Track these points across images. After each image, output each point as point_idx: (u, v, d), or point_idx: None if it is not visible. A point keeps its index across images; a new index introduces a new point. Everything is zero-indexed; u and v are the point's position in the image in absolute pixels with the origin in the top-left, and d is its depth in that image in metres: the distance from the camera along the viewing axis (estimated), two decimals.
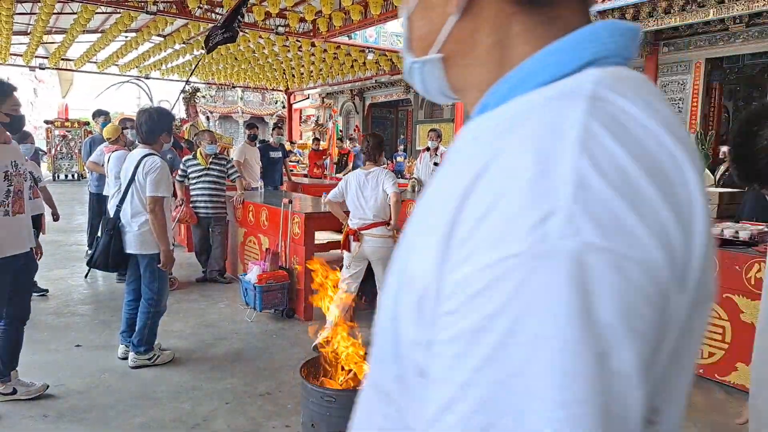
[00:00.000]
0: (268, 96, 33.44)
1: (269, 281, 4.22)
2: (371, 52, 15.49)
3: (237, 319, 4.41)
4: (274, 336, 4.02)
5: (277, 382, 3.24)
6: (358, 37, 14.73)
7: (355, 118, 25.60)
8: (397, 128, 25.50)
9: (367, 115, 25.16)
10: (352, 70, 19.08)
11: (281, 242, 4.64)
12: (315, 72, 19.85)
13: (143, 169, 3.27)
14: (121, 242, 3.34)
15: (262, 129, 34.96)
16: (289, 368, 3.38)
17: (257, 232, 5.26)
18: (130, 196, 3.32)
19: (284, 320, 4.36)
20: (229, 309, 4.67)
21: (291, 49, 16.30)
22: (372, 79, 21.57)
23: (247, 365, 3.45)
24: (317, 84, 22.30)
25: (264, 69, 20.13)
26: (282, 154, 8.39)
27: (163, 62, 17.88)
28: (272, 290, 4.21)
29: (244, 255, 5.54)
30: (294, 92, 24.44)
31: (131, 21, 13.47)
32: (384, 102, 24.41)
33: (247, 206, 5.50)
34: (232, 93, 32.92)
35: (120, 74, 20.85)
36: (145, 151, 3.34)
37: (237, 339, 3.98)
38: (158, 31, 13.78)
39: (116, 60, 18.53)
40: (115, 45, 16.77)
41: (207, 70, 20.28)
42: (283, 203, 4.60)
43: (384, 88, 23.34)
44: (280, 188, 8.06)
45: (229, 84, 24.40)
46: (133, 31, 14.76)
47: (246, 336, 4.05)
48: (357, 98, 25.02)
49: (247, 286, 4.30)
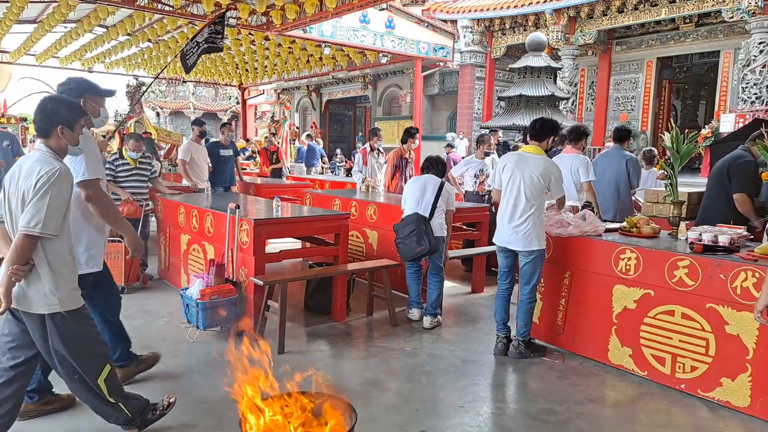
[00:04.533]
0: (222, 91, 32.27)
1: (213, 296, 3.76)
2: (327, 47, 14.99)
3: (179, 338, 3.93)
4: (219, 360, 3.57)
5: (219, 420, 2.80)
6: (314, 31, 14.19)
7: (312, 115, 24.99)
8: (356, 125, 25.05)
9: (325, 111, 24.60)
10: (308, 65, 18.54)
11: (228, 252, 4.18)
12: (270, 67, 19.19)
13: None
14: None
15: (216, 125, 33.79)
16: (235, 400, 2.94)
17: (202, 239, 4.76)
18: None
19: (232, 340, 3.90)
20: (169, 326, 4.17)
21: (243, 43, 15.64)
22: (329, 75, 21.07)
23: (184, 398, 2.98)
24: (272, 79, 21.64)
25: (216, 63, 19.32)
26: (233, 153, 7.86)
27: (106, 55, 16.88)
28: (217, 306, 3.75)
29: (188, 265, 5.03)
30: (248, 87, 23.64)
31: (70, 10, 12.58)
32: (342, 98, 23.92)
33: (189, 211, 5.00)
34: (184, 88, 31.58)
35: (61, 67, 19.64)
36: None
37: (175, 364, 3.51)
38: (99, 21, 12.93)
39: (55, 52, 17.40)
40: (55, 36, 15.79)
41: (155, 63, 19.30)
42: (229, 208, 4.14)
43: (341, 84, 22.85)
44: (232, 189, 7.53)
45: (179, 78, 23.40)
46: (73, 22, 13.85)
47: (186, 360, 3.59)
48: (314, 94, 24.42)
49: (188, 301, 3.82)
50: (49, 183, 2.16)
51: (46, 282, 2.23)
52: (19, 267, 2.15)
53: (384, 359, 3.67)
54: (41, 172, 2.16)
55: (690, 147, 3.70)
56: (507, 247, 3.81)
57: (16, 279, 2.18)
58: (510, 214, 3.75)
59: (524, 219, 3.66)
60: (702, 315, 3.15)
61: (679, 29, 14.25)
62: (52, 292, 2.23)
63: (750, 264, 2.95)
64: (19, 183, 2.21)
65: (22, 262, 2.15)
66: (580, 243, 3.75)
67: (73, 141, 2.39)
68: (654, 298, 3.37)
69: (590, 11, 14.50)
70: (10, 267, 2.14)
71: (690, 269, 3.18)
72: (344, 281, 4.37)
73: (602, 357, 3.65)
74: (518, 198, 3.70)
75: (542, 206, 3.69)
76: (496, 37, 17.42)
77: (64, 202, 2.22)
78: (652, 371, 3.39)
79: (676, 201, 3.85)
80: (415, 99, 16.59)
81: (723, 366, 3.07)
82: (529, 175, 3.64)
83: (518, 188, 3.69)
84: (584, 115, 16.31)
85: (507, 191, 3.78)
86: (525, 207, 3.66)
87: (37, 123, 2.34)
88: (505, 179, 3.81)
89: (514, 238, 3.73)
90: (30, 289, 2.23)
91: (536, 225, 3.66)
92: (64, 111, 2.36)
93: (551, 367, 3.63)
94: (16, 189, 2.22)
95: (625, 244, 3.51)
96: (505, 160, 3.88)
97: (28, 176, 2.19)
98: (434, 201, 4.29)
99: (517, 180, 3.70)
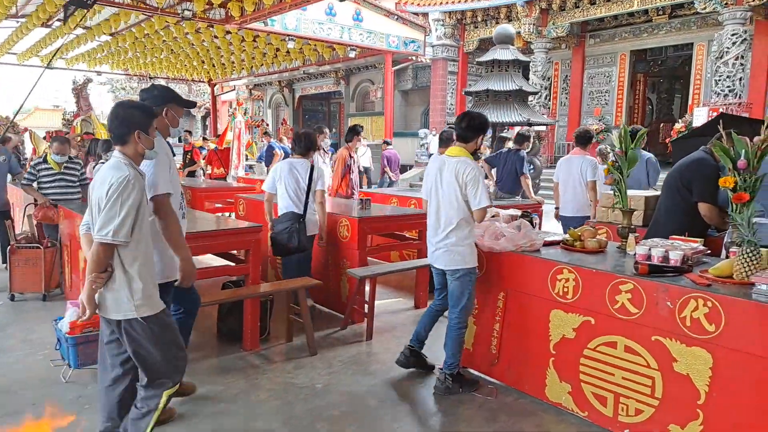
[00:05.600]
0: (195, 87, 31.36)
1: (87, 329, 3.19)
2: (291, 40, 14.37)
3: (50, 378, 3.35)
4: (87, 407, 3.01)
5: None
6: (277, 24, 13.56)
7: (285, 111, 24.33)
8: (330, 121, 24.43)
9: (298, 107, 23.96)
10: (277, 60, 17.90)
11: None
12: (237, 62, 18.51)
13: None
14: None
15: (189, 122, 32.86)
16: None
17: None
18: None
19: None
20: (43, 364, 3.56)
21: (205, 37, 14.99)
22: (300, 70, 20.41)
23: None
24: (242, 75, 20.95)
25: (179, 58, 18.61)
26: (5, 159, 7.28)
27: (64, 50, 16.21)
28: (91, 341, 3.18)
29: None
30: (218, 83, 22.93)
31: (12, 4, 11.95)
32: (315, 94, 23.28)
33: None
34: None
35: (18, 64, 18.85)
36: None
37: (34, 412, 2.94)
38: (48, 15, 12.30)
39: (9, 48, 16.70)
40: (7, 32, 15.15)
41: (117, 59, 18.55)
42: None
43: (314, 79, 22.20)
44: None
45: (145, 75, 22.59)
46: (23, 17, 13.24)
47: (51, 407, 3.02)
48: (286, 90, 23.75)
49: (59, 335, 3.26)
50: (120, 190, 2.19)
51: (122, 288, 2.26)
52: (98, 275, 2.20)
53: (287, 401, 3.14)
54: (112, 180, 2.21)
55: (633, 153, 3.21)
56: (434, 265, 3.33)
57: (97, 286, 2.22)
58: (434, 228, 3.25)
59: (447, 233, 3.16)
60: (647, 349, 2.66)
61: (653, 21, 13.86)
62: (128, 298, 2.26)
63: (701, 290, 2.47)
64: (96, 191, 2.27)
65: (100, 270, 2.20)
66: (515, 259, 3.24)
67: (149, 145, 2.41)
68: (594, 327, 2.88)
69: (562, 3, 14.07)
70: (90, 275, 2.19)
71: (634, 294, 2.69)
72: (256, 304, 3.82)
73: (539, 393, 3.15)
74: (439, 210, 3.19)
75: (469, 219, 3.18)
76: (469, 30, 16.94)
77: (134, 209, 2.24)
78: (593, 412, 2.90)
79: (625, 209, 3.37)
80: (386, 94, 16.05)
81: (671, 410, 2.59)
82: (447, 183, 3.13)
83: (438, 198, 3.19)
84: (558, 110, 15.91)
85: (431, 202, 3.28)
86: (446, 220, 3.16)
87: (113, 130, 2.37)
88: (427, 188, 3.30)
89: (437, 255, 3.23)
90: (107, 296, 2.27)
91: (462, 240, 3.15)
92: (138, 115, 2.38)
93: (481, 405, 3.12)
94: (95, 197, 2.27)
95: (562, 262, 3.01)
96: (430, 166, 3.37)
97: (102, 184, 2.24)
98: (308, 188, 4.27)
99: (438, 189, 3.20)
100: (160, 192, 2.65)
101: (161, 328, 2.36)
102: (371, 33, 14.90)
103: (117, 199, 2.19)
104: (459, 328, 3.24)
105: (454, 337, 3.25)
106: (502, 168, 6.23)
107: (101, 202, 2.22)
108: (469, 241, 3.18)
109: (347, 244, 4.53)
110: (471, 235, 3.21)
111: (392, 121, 16.02)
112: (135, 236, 2.25)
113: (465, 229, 3.16)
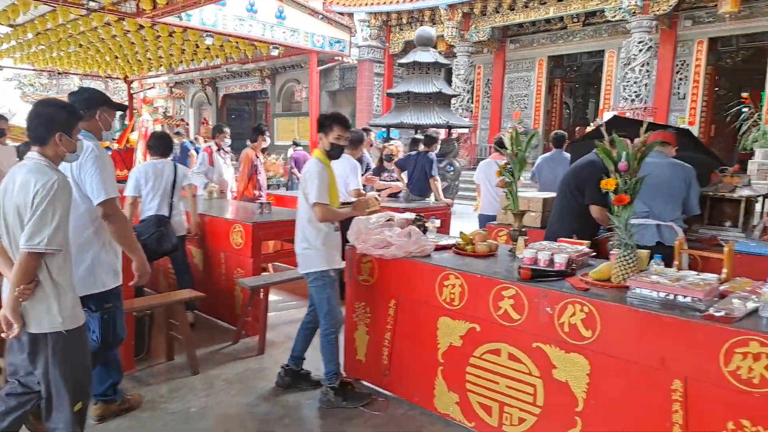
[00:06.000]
0: (113, 84, 29.57)
1: None
2: (210, 36, 13.75)
3: None
4: None
5: None
6: (194, 19, 12.92)
7: (208, 110, 23.41)
8: (256, 121, 23.76)
9: (222, 106, 23.12)
10: (197, 57, 17.12)
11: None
12: (154, 58, 17.54)
13: None
14: None
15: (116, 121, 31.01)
16: None
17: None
18: None
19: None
20: None
21: (116, 31, 14.05)
22: (222, 68, 19.68)
23: None
24: (160, 72, 19.91)
25: (90, 53, 17.41)
26: None
27: None
28: None
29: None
30: (135, 80, 21.69)
31: None
32: (240, 93, 22.56)
33: None
34: (68, 81, 28.66)
35: None
36: None
37: None
38: None
39: None
40: None
41: (20, 52, 17.08)
42: None
43: (238, 77, 21.48)
44: None
45: (53, 70, 21.03)
46: None
47: None
48: (209, 88, 22.85)
49: None
50: (50, 196, 2.03)
51: (50, 299, 2.11)
52: (26, 286, 2.05)
53: (153, 430, 2.82)
54: (37, 185, 2.03)
55: (522, 155, 3.17)
56: None
57: (24, 299, 2.08)
58: (297, 233, 3.18)
59: (302, 236, 3.11)
60: (529, 356, 2.58)
61: (568, 28, 14.41)
62: (57, 309, 2.12)
63: (579, 295, 2.41)
64: (14, 197, 2.08)
65: (27, 281, 2.05)
66: (406, 265, 3.09)
67: (71, 148, 2.21)
68: (480, 334, 2.77)
69: (483, 8, 14.34)
70: (17, 288, 2.04)
71: (516, 300, 2.60)
72: (129, 321, 3.45)
73: (429, 404, 3.01)
74: (298, 213, 3.15)
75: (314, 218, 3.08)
76: (394, 32, 16.94)
77: (66, 215, 2.10)
78: (479, 423, 2.79)
79: (516, 212, 3.31)
80: (311, 94, 15.73)
81: (552, 418, 2.51)
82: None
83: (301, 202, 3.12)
84: (481, 113, 16.22)
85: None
86: (300, 223, 3.14)
87: (32, 130, 2.17)
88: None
89: (299, 261, 3.16)
90: (29, 307, 2.10)
91: (312, 242, 3.07)
92: (63, 116, 2.18)
93: (368, 421, 2.94)
94: (11, 203, 2.08)
95: (449, 267, 2.89)
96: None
97: (23, 189, 2.06)
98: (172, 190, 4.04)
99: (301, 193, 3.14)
100: (111, 196, 2.57)
101: (82, 342, 2.24)
102: (295, 31, 14.53)
103: (49, 205, 2.02)
104: (327, 335, 3.11)
105: (324, 344, 3.12)
106: (413, 170, 6.14)
107: (24, 209, 2.04)
108: (319, 242, 3.06)
109: (241, 251, 4.23)
110: (320, 236, 3.06)
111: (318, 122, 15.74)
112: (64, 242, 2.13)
113: (313, 230, 3.07)
